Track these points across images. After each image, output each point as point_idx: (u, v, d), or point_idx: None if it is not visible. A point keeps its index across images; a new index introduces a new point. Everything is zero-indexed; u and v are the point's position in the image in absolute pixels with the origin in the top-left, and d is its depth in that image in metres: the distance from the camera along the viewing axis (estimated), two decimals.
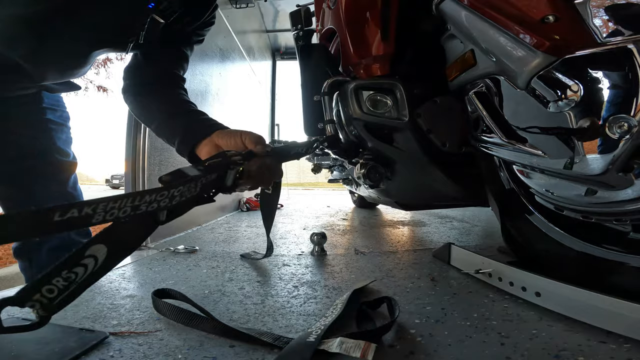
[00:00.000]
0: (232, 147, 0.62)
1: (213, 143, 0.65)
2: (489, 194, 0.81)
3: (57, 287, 0.32)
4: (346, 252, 1.03)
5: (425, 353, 0.43)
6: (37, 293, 0.32)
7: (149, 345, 0.45)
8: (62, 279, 0.32)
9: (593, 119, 0.50)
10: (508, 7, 0.57)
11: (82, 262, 0.34)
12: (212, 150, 0.65)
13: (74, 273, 0.33)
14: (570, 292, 0.51)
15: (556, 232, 0.65)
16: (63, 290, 0.33)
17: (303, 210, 2.30)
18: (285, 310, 0.58)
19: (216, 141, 0.65)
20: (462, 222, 1.57)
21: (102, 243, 0.35)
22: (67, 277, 0.33)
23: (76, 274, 0.33)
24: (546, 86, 0.54)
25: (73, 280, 0.33)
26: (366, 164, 0.92)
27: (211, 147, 0.65)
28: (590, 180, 0.54)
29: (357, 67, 0.95)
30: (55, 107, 0.89)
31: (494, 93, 0.68)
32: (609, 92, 0.49)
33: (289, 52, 4.60)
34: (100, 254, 0.34)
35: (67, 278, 0.33)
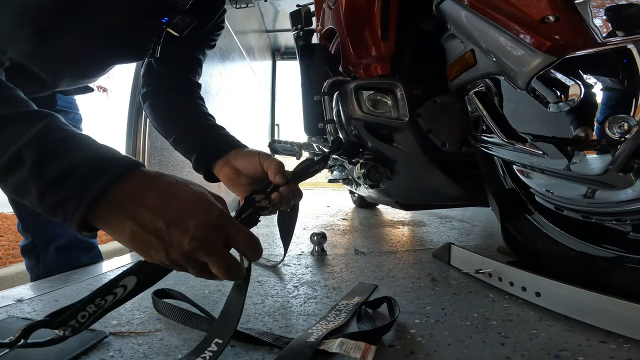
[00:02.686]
0: (250, 171, 0.61)
1: (230, 164, 0.63)
2: (489, 194, 0.81)
3: (88, 313, 0.35)
4: (346, 252, 1.03)
5: (425, 353, 0.43)
6: (73, 319, 0.34)
7: (149, 345, 0.45)
8: (94, 305, 0.35)
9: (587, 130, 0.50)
10: (508, 7, 0.57)
11: (114, 290, 0.36)
12: (230, 173, 0.63)
13: (104, 300, 0.36)
14: (570, 292, 0.51)
15: (556, 232, 0.65)
16: (92, 315, 0.35)
17: (303, 210, 2.30)
18: (285, 310, 0.58)
19: (234, 163, 0.63)
20: (462, 222, 1.57)
21: (134, 275, 0.37)
22: (98, 303, 0.36)
23: (106, 301, 0.36)
24: (546, 86, 0.54)
25: (102, 306, 0.36)
26: (366, 164, 0.92)
27: (229, 168, 0.63)
28: (590, 180, 0.54)
29: (357, 67, 0.95)
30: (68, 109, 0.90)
31: (494, 93, 0.68)
32: (609, 92, 0.49)
33: (289, 52, 4.60)
34: (130, 284, 0.37)
35: (97, 304, 0.36)
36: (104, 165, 0.35)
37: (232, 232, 0.38)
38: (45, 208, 0.34)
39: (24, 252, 0.89)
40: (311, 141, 1.70)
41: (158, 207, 0.35)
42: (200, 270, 0.38)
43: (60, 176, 0.33)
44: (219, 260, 0.37)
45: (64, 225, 0.87)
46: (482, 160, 0.81)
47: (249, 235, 0.40)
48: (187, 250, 0.35)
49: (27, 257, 0.89)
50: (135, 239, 0.35)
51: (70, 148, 0.35)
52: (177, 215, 0.35)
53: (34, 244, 0.87)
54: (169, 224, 0.35)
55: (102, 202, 0.34)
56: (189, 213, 0.36)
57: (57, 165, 0.33)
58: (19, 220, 0.87)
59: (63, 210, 0.34)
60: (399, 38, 0.89)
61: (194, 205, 0.36)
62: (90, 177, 0.34)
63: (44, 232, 0.87)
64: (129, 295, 0.38)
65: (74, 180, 0.33)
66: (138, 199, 0.35)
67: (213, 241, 0.37)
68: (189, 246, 0.35)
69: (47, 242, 0.87)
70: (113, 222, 0.35)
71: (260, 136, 3.84)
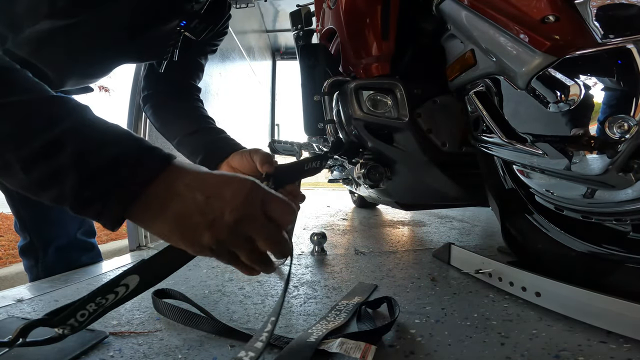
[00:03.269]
0: (244, 168, 0.62)
1: (229, 165, 0.66)
2: (489, 194, 0.81)
3: (88, 311, 0.35)
4: (346, 252, 1.03)
5: (425, 353, 0.43)
6: (72, 318, 0.34)
7: (149, 345, 0.45)
8: (95, 304, 0.35)
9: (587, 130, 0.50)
10: (508, 7, 0.57)
11: (116, 289, 0.36)
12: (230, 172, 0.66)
13: (105, 299, 0.35)
14: (570, 292, 0.51)
15: (556, 232, 0.65)
16: (92, 314, 0.35)
17: (303, 210, 2.30)
18: (285, 310, 0.58)
19: (231, 163, 0.65)
20: (462, 222, 1.57)
21: (136, 274, 0.37)
22: (99, 302, 0.35)
23: (107, 300, 0.36)
24: (546, 86, 0.54)
25: (102, 305, 0.36)
26: (366, 164, 0.92)
27: (227, 168, 0.66)
28: (590, 180, 0.54)
29: (357, 67, 0.95)
30: None
31: (494, 93, 0.68)
32: (609, 92, 0.49)
33: (289, 52, 4.60)
34: (132, 283, 0.37)
35: (98, 303, 0.35)
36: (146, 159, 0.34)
37: (267, 197, 0.37)
38: (81, 200, 0.31)
39: (23, 253, 0.88)
40: (311, 141, 1.70)
41: (195, 184, 0.34)
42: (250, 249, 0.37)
43: (106, 167, 0.31)
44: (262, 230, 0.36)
45: (63, 225, 0.88)
46: (482, 160, 0.81)
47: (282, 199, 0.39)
48: (230, 220, 0.34)
49: (25, 257, 0.88)
50: (180, 223, 0.34)
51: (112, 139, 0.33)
52: (214, 187, 0.35)
53: (33, 244, 0.86)
54: (208, 196, 0.34)
55: (141, 197, 0.33)
56: (224, 185, 0.35)
57: (102, 156, 0.31)
58: (17, 220, 0.86)
59: (101, 204, 0.31)
60: (399, 38, 0.89)
61: (227, 179, 0.36)
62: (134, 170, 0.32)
63: (42, 232, 0.86)
64: (131, 295, 0.37)
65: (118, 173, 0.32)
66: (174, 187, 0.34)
67: (252, 209, 0.35)
68: (231, 217, 0.34)
69: (46, 242, 0.86)
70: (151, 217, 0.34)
71: (260, 136, 3.84)
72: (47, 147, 0.30)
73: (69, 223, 0.89)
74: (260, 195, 0.37)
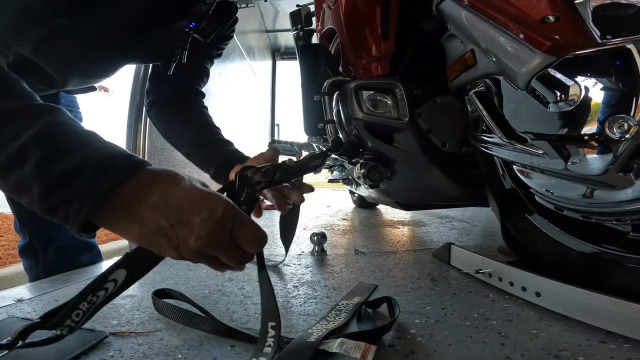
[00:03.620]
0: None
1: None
2: (489, 194, 0.81)
3: (82, 310, 0.35)
4: (346, 252, 1.03)
5: (425, 353, 0.43)
6: (68, 319, 0.35)
7: (149, 345, 0.45)
8: (87, 302, 0.35)
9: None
10: (508, 7, 0.57)
11: (105, 286, 0.36)
12: None
13: (96, 296, 0.36)
14: (570, 292, 0.51)
15: (556, 232, 0.65)
16: (86, 312, 0.36)
17: (303, 210, 2.29)
18: (285, 310, 0.58)
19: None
20: (462, 222, 1.57)
21: (123, 268, 0.37)
22: (91, 300, 0.36)
23: (98, 297, 0.36)
24: (546, 86, 0.54)
25: (95, 302, 0.36)
26: (366, 164, 0.92)
27: None
28: (590, 181, 0.54)
29: (357, 67, 0.95)
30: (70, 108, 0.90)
31: (494, 93, 0.68)
32: (609, 92, 0.49)
33: (289, 52, 4.60)
34: (120, 278, 0.37)
35: (90, 301, 0.36)
36: (110, 166, 0.33)
37: (237, 226, 0.38)
38: (46, 208, 0.33)
39: (22, 253, 0.88)
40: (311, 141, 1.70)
41: (162, 206, 0.34)
42: (214, 263, 0.39)
43: (66, 176, 0.32)
44: (227, 254, 0.38)
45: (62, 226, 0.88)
46: (482, 160, 0.81)
47: (253, 228, 0.39)
48: (195, 248, 0.35)
49: (25, 257, 0.88)
50: (145, 240, 0.36)
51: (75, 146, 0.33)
52: (181, 213, 0.35)
53: (32, 244, 0.86)
54: (173, 223, 0.34)
55: (107, 204, 0.33)
56: (193, 210, 0.35)
57: (62, 165, 0.32)
58: (17, 220, 0.86)
59: (65, 211, 0.32)
60: (399, 38, 0.89)
61: (198, 201, 0.36)
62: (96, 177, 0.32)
63: (42, 232, 0.86)
64: (121, 289, 0.38)
65: (79, 181, 0.32)
66: (142, 199, 0.34)
67: (219, 237, 0.36)
68: (195, 244, 0.35)
69: (46, 242, 0.86)
70: (119, 224, 0.35)
71: (260, 136, 3.84)
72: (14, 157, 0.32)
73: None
74: (231, 220, 0.37)
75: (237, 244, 0.38)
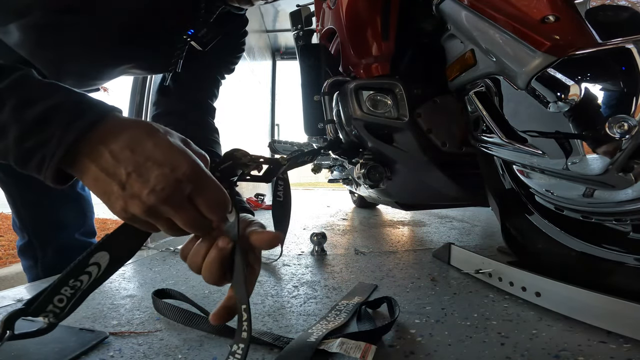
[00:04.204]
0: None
1: None
2: (489, 194, 0.81)
3: (65, 296, 0.34)
4: (346, 252, 1.03)
5: (425, 353, 0.43)
6: (50, 304, 0.33)
7: (149, 345, 0.45)
8: (69, 287, 0.34)
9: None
10: (508, 7, 0.57)
11: (87, 269, 0.35)
12: None
13: (79, 281, 0.35)
14: (570, 292, 0.51)
15: (556, 232, 0.65)
16: (71, 298, 0.34)
17: (303, 210, 2.30)
18: (285, 310, 0.58)
19: None
20: (462, 222, 1.57)
21: (105, 250, 0.36)
22: (74, 285, 0.34)
23: (81, 282, 0.35)
24: (546, 86, 0.54)
25: (79, 288, 0.35)
26: (366, 164, 0.92)
27: None
28: (590, 181, 0.54)
29: (357, 67, 0.95)
30: None
31: (494, 93, 0.68)
32: (609, 92, 0.49)
33: (289, 52, 4.60)
34: (103, 261, 0.36)
35: (73, 286, 0.34)
36: (85, 108, 0.33)
37: (200, 188, 0.35)
38: (22, 153, 0.32)
39: (21, 252, 0.87)
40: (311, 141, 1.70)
41: (123, 152, 0.32)
42: (168, 227, 0.35)
43: (42, 117, 0.32)
44: (183, 217, 0.34)
45: (62, 226, 0.87)
46: (482, 160, 0.81)
47: (218, 193, 0.36)
48: (147, 203, 0.33)
49: (24, 257, 0.87)
50: (97, 184, 0.33)
51: (49, 92, 0.33)
52: (141, 163, 0.33)
53: (31, 244, 0.85)
54: (129, 172, 0.32)
55: (78, 145, 0.32)
56: (154, 163, 0.33)
57: (38, 107, 0.32)
58: (16, 219, 0.86)
59: (41, 154, 0.32)
60: (399, 38, 0.89)
61: (163, 154, 0.33)
62: (72, 118, 0.32)
63: (41, 232, 0.86)
64: (106, 274, 0.36)
65: (55, 122, 0.32)
66: (108, 141, 0.33)
67: (175, 196, 0.33)
68: (147, 199, 0.32)
69: (45, 242, 0.86)
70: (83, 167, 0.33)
71: (260, 136, 3.84)
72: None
73: (68, 224, 0.88)
74: (193, 181, 0.34)
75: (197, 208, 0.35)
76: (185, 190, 0.34)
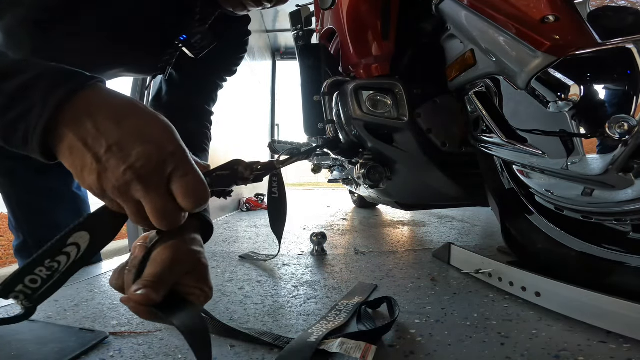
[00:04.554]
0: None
1: None
2: (489, 194, 0.81)
3: (40, 277, 0.32)
4: (346, 252, 1.03)
5: (425, 353, 0.43)
6: (19, 284, 0.31)
7: (149, 345, 0.45)
8: (45, 268, 0.32)
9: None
10: (508, 7, 0.57)
11: (65, 250, 0.33)
12: None
13: (56, 262, 0.32)
14: (570, 292, 0.51)
15: (556, 232, 0.65)
16: (47, 280, 0.32)
17: (303, 210, 2.30)
18: (285, 310, 0.58)
19: None
20: (462, 222, 1.57)
21: (85, 230, 0.34)
22: (50, 266, 0.32)
23: (59, 263, 0.32)
24: (546, 86, 0.54)
25: (56, 270, 0.32)
26: (366, 164, 0.92)
27: None
28: (590, 181, 0.54)
29: (357, 67, 0.95)
30: None
31: (494, 93, 0.68)
32: (609, 92, 0.49)
33: (289, 52, 4.60)
34: (83, 242, 0.33)
35: (49, 267, 0.32)
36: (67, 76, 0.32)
37: (181, 171, 0.32)
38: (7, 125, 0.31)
39: (18, 252, 0.86)
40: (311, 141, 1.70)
41: (106, 123, 0.31)
42: (135, 210, 0.33)
43: (23, 87, 0.31)
44: (154, 200, 0.32)
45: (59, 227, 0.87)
46: (482, 160, 0.81)
47: (199, 180, 0.33)
48: (121, 179, 0.31)
49: (20, 257, 0.86)
50: (72, 153, 0.31)
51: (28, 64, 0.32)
52: (123, 138, 0.31)
53: (27, 244, 0.85)
54: (110, 145, 0.30)
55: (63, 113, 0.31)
56: (137, 139, 0.31)
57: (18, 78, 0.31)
58: (12, 219, 0.85)
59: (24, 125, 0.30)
60: (399, 38, 0.89)
61: (148, 132, 0.32)
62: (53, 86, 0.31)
63: (37, 231, 0.85)
64: (85, 256, 0.34)
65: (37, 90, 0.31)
66: (91, 111, 0.31)
67: (153, 176, 0.31)
68: (123, 175, 0.30)
69: (41, 242, 0.85)
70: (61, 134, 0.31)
71: (260, 136, 3.84)
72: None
73: (64, 224, 0.88)
74: (175, 164, 0.32)
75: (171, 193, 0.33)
76: (165, 171, 0.32)
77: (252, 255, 0.96)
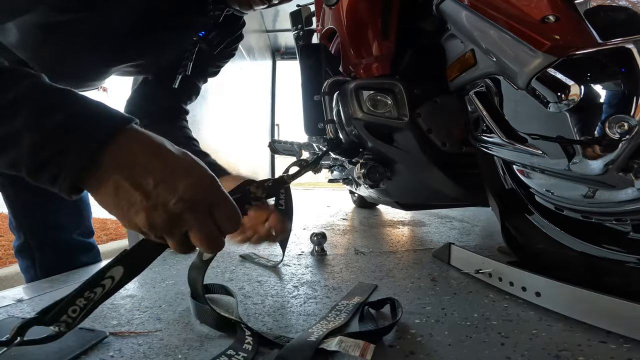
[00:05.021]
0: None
1: None
2: (489, 194, 0.81)
3: (79, 307, 0.35)
4: (346, 252, 1.03)
5: (425, 353, 0.43)
6: (64, 314, 0.34)
7: (149, 345, 0.45)
8: (84, 298, 0.35)
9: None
10: (508, 7, 0.57)
11: (102, 282, 0.36)
12: None
13: (94, 292, 0.36)
14: (570, 292, 0.51)
15: (556, 232, 0.65)
16: (83, 309, 0.36)
17: (303, 210, 2.30)
18: (285, 310, 0.58)
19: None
20: (462, 222, 1.57)
21: (120, 265, 0.37)
22: (88, 296, 0.36)
23: (95, 293, 0.36)
24: (546, 86, 0.54)
25: (92, 299, 0.36)
26: (366, 164, 0.92)
27: None
28: (590, 180, 0.54)
29: (357, 67, 0.95)
30: None
31: (494, 93, 0.68)
32: (609, 92, 0.49)
33: (289, 52, 4.60)
34: (117, 274, 0.37)
35: (87, 297, 0.35)
36: (105, 117, 0.33)
37: (218, 201, 0.36)
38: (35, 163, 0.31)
39: (18, 253, 0.86)
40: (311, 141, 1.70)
41: (151, 163, 0.33)
42: (180, 241, 0.35)
43: (62, 126, 0.31)
44: (202, 228, 0.35)
45: (59, 227, 0.87)
46: (482, 160, 0.81)
47: (234, 208, 0.37)
48: (172, 211, 0.33)
49: (21, 257, 0.86)
50: (119, 194, 0.32)
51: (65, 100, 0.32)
52: (168, 174, 0.33)
53: (28, 244, 0.85)
54: (158, 182, 0.32)
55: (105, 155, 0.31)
56: (181, 174, 0.34)
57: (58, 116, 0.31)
58: (12, 219, 0.85)
59: (57, 165, 0.30)
60: (399, 38, 0.89)
61: (188, 167, 0.35)
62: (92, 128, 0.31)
63: (38, 232, 0.85)
64: (118, 286, 0.37)
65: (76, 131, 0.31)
66: (133, 151, 0.33)
67: (200, 205, 0.34)
68: (174, 207, 0.33)
69: (42, 242, 0.85)
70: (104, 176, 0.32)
71: (260, 136, 3.84)
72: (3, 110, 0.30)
73: (65, 224, 0.88)
74: (215, 193, 0.36)
75: (215, 219, 0.36)
76: (208, 200, 0.35)
77: (252, 256, 0.96)
